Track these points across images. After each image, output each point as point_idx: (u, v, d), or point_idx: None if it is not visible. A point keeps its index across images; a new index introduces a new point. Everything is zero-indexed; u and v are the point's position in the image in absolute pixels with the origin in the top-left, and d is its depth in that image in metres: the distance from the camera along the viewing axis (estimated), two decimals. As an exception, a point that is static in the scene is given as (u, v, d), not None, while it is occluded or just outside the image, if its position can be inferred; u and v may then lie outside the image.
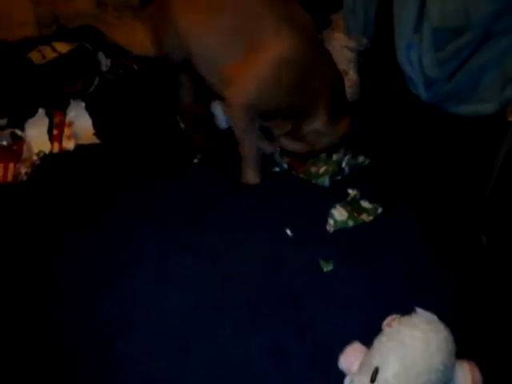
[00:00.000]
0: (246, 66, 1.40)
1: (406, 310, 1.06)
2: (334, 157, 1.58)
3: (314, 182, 1.55)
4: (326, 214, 1.44)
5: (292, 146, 1.55)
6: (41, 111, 1.70)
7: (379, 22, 1.84)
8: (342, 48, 1.97)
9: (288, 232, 1.40)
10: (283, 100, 1.43)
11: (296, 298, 1.23)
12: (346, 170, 1.57)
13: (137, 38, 2.21)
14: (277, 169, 1.62)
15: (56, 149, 1.66)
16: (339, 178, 1.56)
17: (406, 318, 0.99)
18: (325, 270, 1.30)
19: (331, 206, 1.46)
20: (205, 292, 1.24)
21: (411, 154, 1.62)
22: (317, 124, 1.48)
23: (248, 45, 1.41)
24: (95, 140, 1.71)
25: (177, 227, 1.41)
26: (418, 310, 1.00)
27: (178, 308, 1.21)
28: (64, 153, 1.66)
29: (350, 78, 1.93)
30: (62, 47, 1.80)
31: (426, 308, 1.03)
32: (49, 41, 1.86)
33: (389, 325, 0.99)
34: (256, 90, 1.41)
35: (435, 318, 0.98)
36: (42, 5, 2.13)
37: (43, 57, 1.76)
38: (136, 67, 2.04)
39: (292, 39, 1.38)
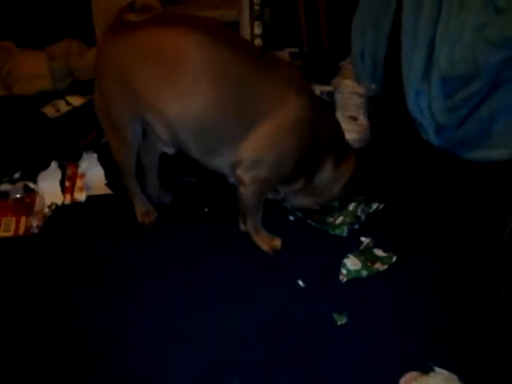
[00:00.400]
0: (259, 140, 1.29)
1: (423, 367, 1.02)
2: (350, 207, 1.57)
3: (331, 232, 1.53)
4: (339, 264, 1.41)
5: (303, 202, 1.52)
6: (54, 164, 1.72)
7: (388, 68, 1.85)
8: (351, 94, 1.98)
9: (300, 283, 1.37)
10: (299, 161, 1.37)
11: (309, 353, 1.19)
12: (362, 217, 1.55)
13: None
14: (291, 217, 1.60)
15: (68, 200, 1.67)
16: (357, 226, 1.54)
17: (423, 379, 0.95)
18: (338, 323, 1.26)
19: (344, 255, 1.43)
20: (214, 347, 1.21)
21: (424, 200, 1.60)
22: (327, 173, 1.46)
23: (256, 117, 1.29)
24: (107, 190, 1.72)
25: (185, 279, 1.39)
26: (436, 368, 0.96)
27: (187, 365, 1.17)
28: (76, 204, 1.67)
29: (360, 123, 1.93)
30: (76, 100, 1.85)
31: (444, 365, 1.00)
32: (63, 94, 1.91)
33: (406, 386, 0.96)
34: (275, 161, 1.33)
35: (454, 377, 0.94)
36: (56, 59, 2.19)
37: (57, 110, 1.80)
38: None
39: (301, 99, 1.31)
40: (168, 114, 1.26)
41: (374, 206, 1.58)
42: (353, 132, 1.89)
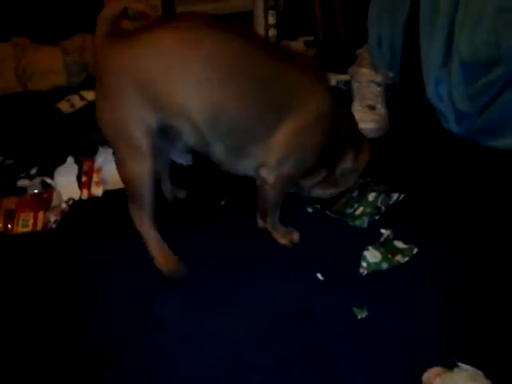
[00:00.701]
0: (285, 138, 1.26)
1: (446, 362, 1.00)
2: (370, 197, 1.54)
3: (351, 223, 1.50)
4: (359, 256, 1.39)
5: (322, 193, 1.50)
6: (70, 159, 1.72)
7: (406, 56, 1.81)
8: (368, 83, 1.95)
9: (319, 276, 1.36)
10: (322, 155, 1.35)
11: (328, 347, 1.18)
12: (383, 208, 1.52)
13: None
14: (309, 209, 1.58)
15: (85, 195, 1.67)
16: (377, 217, 1.51)
17: (447, 376, 0.93)
18: (359, 317, 1.24)
19: (364, 247, 1.41)
20: (231, 342, 1.20)
21: (445, 190, 1.57)
22: (348, 163, 1.44)
23: (283, 114, 1.25)
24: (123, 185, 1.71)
25: (201, 272, 1.38)
26: (461, 364, 0.94)
27: (202, 360, 1.17)
28: (92, 199, 1.67)
29: (378, 112, 1.90)
30: (90, 95, 1.84)
31: (469, 361, 0.97)
32: (77, 89, 1.91)
33: (429, 383, 0.93)
34: (300, 157, 1.30)
35: (480, 373, 0.92)
36: (70, 54, 2.19)
37: (72, 105, 1.79)
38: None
39: (323, 94, 1.29)
40: (197, 115, 1.21)
41: (395, 196, 1.55)
42: (371, 121, 1.86)
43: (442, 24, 1.51)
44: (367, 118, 1.87)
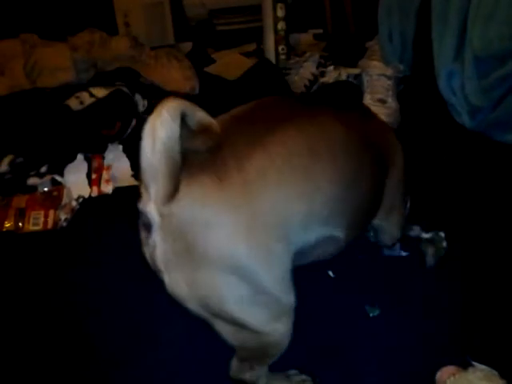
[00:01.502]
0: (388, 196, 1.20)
1: (459, 360, 0.99)
2: None
3: None
4: (371, 253, 1.38)
5: None
6: (80, 156, 1.73)
7: (417, 48, 1.79)
8: (379, 76, 1.93)
9: (330, 274, 1.35)
10: None
11: (340, 346, 1.17)
12: None
13: (172, 76, 2.24)
14: None
15: (95, 193, 1.67)
16: None
17: (462, 375, 0.92)
18: (371, 315, 1.23)
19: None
20: None
21: (456, 183, 1.55)
22: None
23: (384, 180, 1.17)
24: (133, 182, 1.71)
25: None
26: (475, 364, 0.93)
27: (211, 360, 1.15)
28: (102, 196, 1.67)
29: (389, 106, 1.88)
30: (99, 92, 1.83)
31: (484, 360, 0.96)
32: (86, 86, 1.90)
33: (443, 382, 0.92)
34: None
35: (495, 373, 0.90)
36: (78, 50, 2.18)
37: (81, 102, 1.79)
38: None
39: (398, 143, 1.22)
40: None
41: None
42: (382, 115, 1.84)
43: (455, 17, 1.48)
44: (378, 112, 1.84)
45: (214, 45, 2.88)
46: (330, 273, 1.35)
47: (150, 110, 1.97)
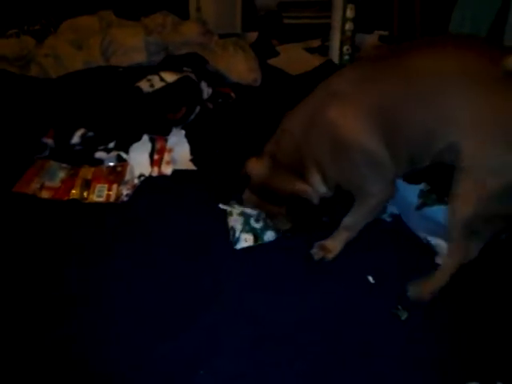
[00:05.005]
0: None
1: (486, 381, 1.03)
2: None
3: None
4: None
5: None
6: (145, 137, 1.82)
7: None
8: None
9: (370, 279, 1.39)
10: None
11: (370, 350, 1.21)
12: None
13: (237, 67, 2.31)
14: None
15: (155, 172, 1.77)
16: None
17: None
18: (402, 318, 1.28)
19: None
20: (274, 334, 1.24)
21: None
22: None
23: None
24: (191, 166, 1.80)
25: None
26: (501, 385, 0.97)
27: (251, 345, 1.22)
28: (162, 177, 1.76)
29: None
30: (169, 76, 1.92)
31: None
32: (157, 69, 1.99)
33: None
34: None
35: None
36: (152, 33, 2.28)
37: (151, 85, 1.88)
38: (233, 95, 2.14)
39: None
40: None
41: None
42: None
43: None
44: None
45: (279, 37, 2.93)
46: (370, 278, 1.40)
47: (214, 98, 2.06)
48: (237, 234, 1.49)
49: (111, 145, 1.79)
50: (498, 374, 1.12)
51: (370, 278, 1.39)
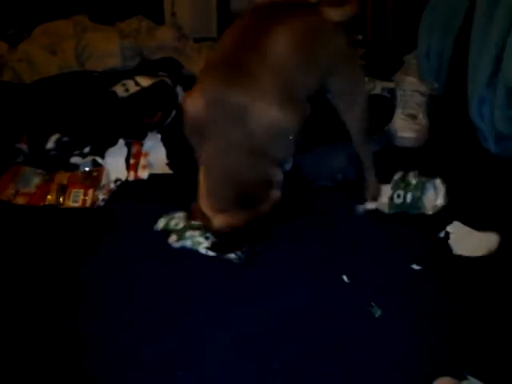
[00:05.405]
0: None
1: (455, 373, 1.06)
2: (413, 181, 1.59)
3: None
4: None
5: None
6: (121, 141, 1.82)
7: (452, 71, 1.83)
8: (413, 92, 1.98)
9: (344, 278, 1.41)
10: None
11: (346, 348, 1.23)
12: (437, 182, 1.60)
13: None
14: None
15: (131, 177, 1.77)
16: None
17: (455, 388, 0.99)
18: (376, 315, 1.29)
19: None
20: (253, 335, 1.25)
21: (480, 208, 1.59)
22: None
23: None
24: (167, 170, 1.81)
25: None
26: (470, 377, 0.99)
27: (228, 345, 1.23)
28: (138, 181, 1.77)
29: (419, 122, 1.94)
30: (144, 81, 1.93)
31: (478, 374, 1.02)
32: (132, 74, 1.99)
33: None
34: None
35: (487, 389, 0.97)
36: (127, 38, 2.28)
37: (126, 90, 1.88)
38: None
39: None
40: None
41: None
42: (410, 131, 1.90)
43: (493, 45, 1.53)
44: (407, 127, 1.91)
45: (255, 41, 2.95)
46: (345, 277, 1.42)
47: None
48: None
49: (86, 150, 1.79)
50: (470, 368, 1.15)
51: (345, 278, 1.42)
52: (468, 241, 1.41)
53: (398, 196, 1.57)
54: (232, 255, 1.42)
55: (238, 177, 1.31)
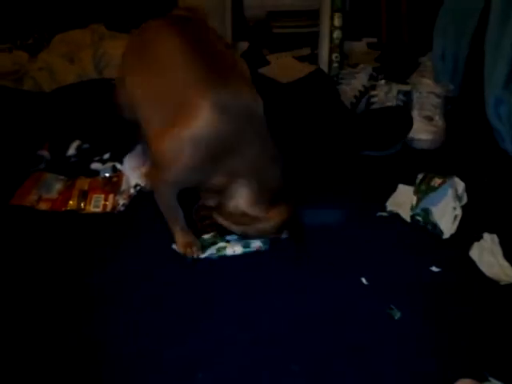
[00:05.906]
0: (162, 138, 1.32)
1: (476, 374, 1.05)
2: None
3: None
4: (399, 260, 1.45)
5: (222, 222, 1.45)
6: (139, 147, 1.83)
7: (468, 72, 1.83)
8: (428, 94, 1.98)
9: (363, 280, 1.42)
10: (200, 176, 1.36)
11: (365, 350, 1.23)
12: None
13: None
14: (385, 213, 1.63)
15: (150, 182, 1.79)
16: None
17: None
18: (396, 317, 1.30)
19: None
20: (270, 335, 1.27)
21: (497, 211, 1.59)
22: (240, 204, 1.38)
23: (170, 114, 1.32)
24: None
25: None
26: (491, 379, 0.99)
27: (248, 346, 1.24)
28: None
29: (435, 124, 1.94)
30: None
31: (500, 376, 1.02)
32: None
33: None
34: (172, 170, 1.35)
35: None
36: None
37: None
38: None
39: (214, 113, 1.25)
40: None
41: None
42: (427, 132, 1.91)
43: (508, 46, 1.53)
44: (423, 129, 1.91)
45: (269, 46, 2.97)
46: (364, 279, 1.43)
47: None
48: None
49: (106, 156, 1.82)
50: (491, 370, 1.15)
51: (364, 280, 1.43)
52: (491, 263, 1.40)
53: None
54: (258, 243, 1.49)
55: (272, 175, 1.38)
